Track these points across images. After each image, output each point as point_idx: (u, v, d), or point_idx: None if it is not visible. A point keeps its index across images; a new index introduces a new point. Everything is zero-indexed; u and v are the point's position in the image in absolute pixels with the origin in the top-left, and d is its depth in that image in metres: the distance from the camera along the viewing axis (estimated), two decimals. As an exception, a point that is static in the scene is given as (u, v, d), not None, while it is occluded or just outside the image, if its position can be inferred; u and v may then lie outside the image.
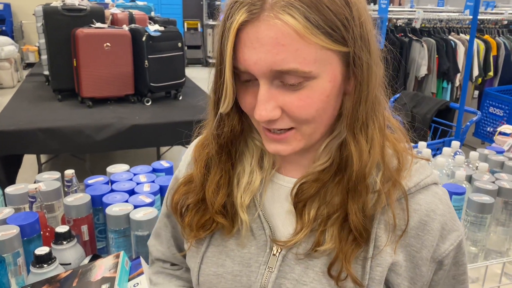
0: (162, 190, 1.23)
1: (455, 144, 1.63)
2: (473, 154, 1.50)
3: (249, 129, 0.69)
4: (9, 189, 1.17)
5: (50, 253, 0.96)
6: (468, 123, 2.36)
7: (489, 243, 1.23)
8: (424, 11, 4.13)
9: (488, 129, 3.91)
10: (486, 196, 1.17)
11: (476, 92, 4.15)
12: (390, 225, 0.63)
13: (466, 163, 1.47)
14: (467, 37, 4.00)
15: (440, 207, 0.65)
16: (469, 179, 1.33)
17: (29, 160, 3.04)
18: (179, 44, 3.22)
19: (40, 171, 2.89)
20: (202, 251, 0.71)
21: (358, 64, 0.56)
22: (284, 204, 0.69)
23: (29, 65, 7.36)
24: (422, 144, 1.65)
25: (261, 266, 0.67)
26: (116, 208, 1.10)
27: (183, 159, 0.82)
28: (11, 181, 2.69)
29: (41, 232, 1.06)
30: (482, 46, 4.00)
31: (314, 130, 0.60)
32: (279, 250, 0.66)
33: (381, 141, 0.61)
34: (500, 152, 1.55)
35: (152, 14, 4.47)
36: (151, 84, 3.09)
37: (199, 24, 9.25)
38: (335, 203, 0.62)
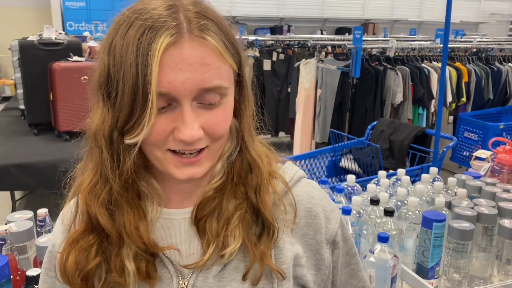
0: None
1: (433, 170, 1.65)
2: (451, 180, 1.52)
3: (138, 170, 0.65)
4: (-22, 231, 1.12)
5: (20, 299, 0.91)
6: (444, 149, 2.40)
7: (471, 269, 1.23)
8: (397, 40, 4.27)
9: (465, 153, 4.00)
10: (466, 222, 1.18)
11: (451, 118, 4.26)
12: (282, 220, 0.68)
13: (444, 189, 1.48)
14: (439, 64, 4.14)
15: (316, 193, 0.73)
16: (449, 205, 1.33)
17: (3, 197, 2.94)
18: (158, 76, 3.22)
19: (14, 208, 2.80)
20: None
21: (245, 84, 0.65)
22: (181, 236, 0.67)
23: (5, 99, 7.24)
24: (401, 171, 1.67)
25: None
26: (91, 248, 1.06)
27: (57, 228, 0.73)
28: (-17, 219, 2.59)
29: (11, 276, 1.01)
30: (454, 73, 4.14)
31: (220, 146, 0.65)
32: (185, 282, 0.65)
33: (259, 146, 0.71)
34: (477, 177, 1.57)
35: (131, 46, 4.48)
36: (130, 116, 3.06)
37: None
38: (231, 209, 0.66)
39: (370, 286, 0.83)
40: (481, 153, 1.82)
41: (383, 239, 1.10)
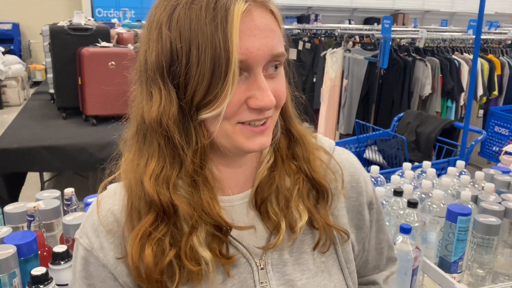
0: (162, 209, 1.21)
1: (460, 163, 1.61)
2: (479, 174, 1.48)
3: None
4: (8, 208, 1.16)
5: (46, 273, 0.94)
6: (473, 143, 2.33)
7: (496, 265, 1.20)
8: (427, 31, 4.16)
9: (494, 148, 3.88)
10: (493, 217, 1.14)
11: (481, 112, 4.14)
12: (334, 188, 0.71)
13: (471, 183, 1.45)
14: (471, 56, 4.01)
15: (353, 159, 0.78)
16: (475, 199, 1.30)
17: (32, 178, 3.03)
18: (184, 63, 3.24)
19: (42, 189, 2.88)
20: None
21: (287, 65, 0.66)
22: (244, 219, 0.66)
23: (36, 84, 7.44)
24: (426, 164, 1.63)
25: (257, 286, 0.65)
26: (115, 228, 1.08)
27: (91, 231, 0.65)
28: (14, 199, 2.68)
29: (39, 252, 1.05)
30: (486, 66, 4.00)
31: (276, 117, 0.66)
32: (263, 263, 0.65)
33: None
34: (507, 172, 1.52)
35: (158, 33, 4.52)
36: (155, 102, 3.10)
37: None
38: (288, 185, 0.68)
39: (391, 238, 0.89)
40: (511, 147, 1.76)
41: (405, 230, 1.09)
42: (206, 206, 0.60)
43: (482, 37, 3.52)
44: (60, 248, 1.03)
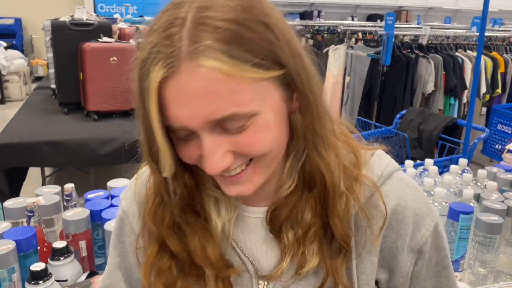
0: (162, 206, 1.21)
1: (463, 161, 1.60)
2: (481, 172, 1.47)
3: (201, 180, 0.62)
4: (8, 203, 1.16)
5: (46, 269, 0.94)
6: (476, 141, 2.32)
7: (498, 264, 1.19)
8: (431, 28, 4.13)
9: (497, 146, 3.86)
10: (495, 216, 1.14)
11: (484, 109, 4.11)
12: (364, 227, 0.61)
13: (474, 181, 1.44)
14: (474, 53, 3.98)
15: (409, 193, 0.63)
16: (477, 198, 1.29)
17: (33, 173, 3.04)
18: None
19: (44, 184, 2.89)
20: None
21: (298, 81, 0.53)
22: (258, 235, 0.65)
23: (38, 79, 7.43)
24: (428, 162, 1.62)
25: None
26: (114, 224, 1.08)
27: (130, 197, 0.71)
28: (15, 194, 2.68)
29: (38, 248, 1.04)
30: (490, 63, 3.98)
31: (273, 159, 0.56)
32: (265, 283, 0.63)
33: (337, 145, 0.60)
34: (509, 170, 1.51)
35: (160, 29, 4.51)
36: (157, 98, 3.09)
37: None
38: (307, 221, 0.60)
39: None
40: (515, 146, 1.75)
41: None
42: (194, 249, 0.61)
43: (485, 34, 3.48)
44: (59, 244, 1.02)
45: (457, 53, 3.93)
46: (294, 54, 0.52)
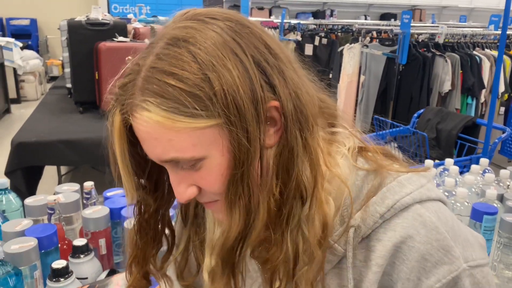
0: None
1: (484, 161, 1.57)
2: (504, 172, 1.44)
3: None
4: (28, 201, 1.17)
5: (67, 267, 0.94)
6: (496, 140, 2.28)
7: (524, 267, 1.16)
8: (447, 26, 4.07)
9: (515, 146, 3.79)
10: (521, 216, 1.11)
11: (502, 109, 4.04)
12: (359, 266, 0.57)
13: (496, 182, 1.41)
14: (493, 52, 3.92)
15: (421, 232, 0.54)
16: (501, 198, 1.26)
17: (49, 172, 3.06)
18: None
19: (60, 182, 2.91)
20: None
21: (236, 134, 0.51)
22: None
23: (53, 78, 7.52)
24: (449, 161, 1.59)
25: None
26: (134, 222, 1.07)
27: None
28: (32, 192, 2.71)
29: (59, 245, 1.05)
30: (509, 62, 3.90)
31: (232, 211, 0.55)
32: None
33: (321, 200, 0.55)
34: (533, 170, 1.48)
35: (174, 28, 4.52)
36: (171, 97, 3.10)
37: (218, 39, 9.35)
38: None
39: None
40: (538, 145, 1.71)
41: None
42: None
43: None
44: (80, 242, 1.03)
45: (474, 52, 3.86)
46: (230, 106, 0.50)
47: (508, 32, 4.28)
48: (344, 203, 0.58)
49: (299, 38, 5.13)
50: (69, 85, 3.49)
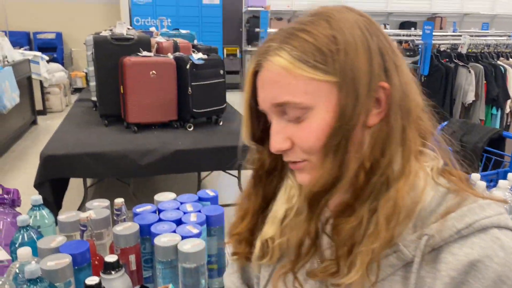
0: (208, 220, 1.22)
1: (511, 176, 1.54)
2: (534, 188, 1.41)
3: (283, 167, 0.74)
4: (61, 217, 1.20)
5: (100, 283, 0.96)
6: (523, 153, 2.23)
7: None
8: (470, 36, 4.03)
9: (542, 158, 3.69)
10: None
11: (528, 120, 3.97)
12: (424, 276, 0.58)
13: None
14: (517, 62, 3.85)
15: (500, 255, 0.54)
16: (531, 215, 1.24)
17: (74, 183, 3.13)
18: (221, 71, 3.28)
19: (85, 194, 2.97)
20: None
21: (345, 96, 0.58)
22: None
23: (77, 90, 7.70)
24: (475, 176, 1.57)
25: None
26: (164, 239, 1.10)
27: None
28: (58, 203, 2.77)
29: (91, 261, 1.07)
30: (534, 71, 3.83)
31: (324, 161, 0.60)
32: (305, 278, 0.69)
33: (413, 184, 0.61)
34: None
35: (195, 42, 4.60)
36: (194, 110, 3.14)
37: (238, 50, 9.44)
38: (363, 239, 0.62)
39: None
40: None
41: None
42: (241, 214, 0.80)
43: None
44: (111, 258, 1.05)
45: (498, 62, 3.81)
46: (351, 67, 0.58)
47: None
48: (419, 213, 0.60)
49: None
50: (94, 98, 3.57)
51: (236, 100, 7.63)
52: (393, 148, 0.60)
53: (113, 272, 1.05)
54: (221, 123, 3.40)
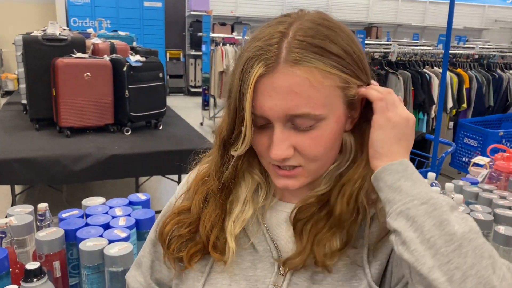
0: (138, 224, 1.20)
1: (431, 175, 1.66)
2: (449, 185, 1.52)
3: (249, 164, 0.74)
4: (-22, 224, 1.13)
5: (18, 291, 0.92)
6: (443, 155, 2.41)
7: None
8: (399, 45, 4.28)
9: (464, 159, 4.00)
10: (461, 228, 1.18)
11: (451, 124, 4.27)
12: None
13: (441, 194, 1.49)
14: (441, 70, 4.14)
15: None
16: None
17: (3, 191, 2.95)
18: (160, 74, 3.24)
19: (14, 202, 2.81)
20: (203, 278, 0.74)
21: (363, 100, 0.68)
22: (287, 228, 0.73)
23: (8, 93, 7.26)
24: (431, 175, 1.67)
25: (269, 286, 0.70)
26: (90, 243, 1.07)
27: (180, 187, 0.86)
28: (-17, 212, 2.60)
29: (10, 269, 1.02)
30: (455, 79, 4.14)
31: (320, 166, 0.68)
32: (286, 270, 0.70)
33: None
34: (475, 183, 1.58)
35: (134, 44, 4.50)
36: (131, 113, 3.08)
37: (181, 54, 9.35)
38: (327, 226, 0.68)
39: None
40: (479, 159, 1.83)
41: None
42: (204, 222, 0.73)
43: (450, 51, 3.63)
44: (32, 265, 1.00)
45: (424, 70, 4.08)
46: (365, 70, 0.67)
47: (454, 51, 4.55)
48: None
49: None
50: (24, 101, 3.40)
51: (180, 104, 7.53)
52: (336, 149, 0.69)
53: (34, 280, 1.00)
54: (161, 127, 3.35)
